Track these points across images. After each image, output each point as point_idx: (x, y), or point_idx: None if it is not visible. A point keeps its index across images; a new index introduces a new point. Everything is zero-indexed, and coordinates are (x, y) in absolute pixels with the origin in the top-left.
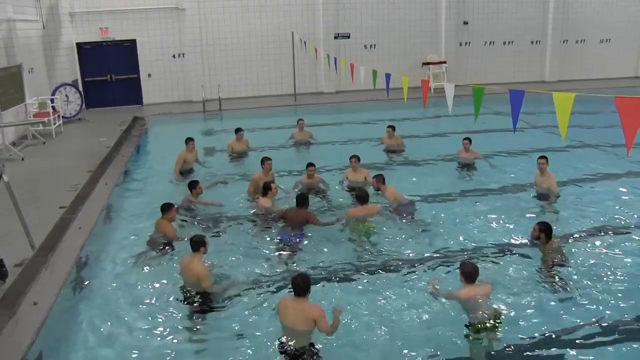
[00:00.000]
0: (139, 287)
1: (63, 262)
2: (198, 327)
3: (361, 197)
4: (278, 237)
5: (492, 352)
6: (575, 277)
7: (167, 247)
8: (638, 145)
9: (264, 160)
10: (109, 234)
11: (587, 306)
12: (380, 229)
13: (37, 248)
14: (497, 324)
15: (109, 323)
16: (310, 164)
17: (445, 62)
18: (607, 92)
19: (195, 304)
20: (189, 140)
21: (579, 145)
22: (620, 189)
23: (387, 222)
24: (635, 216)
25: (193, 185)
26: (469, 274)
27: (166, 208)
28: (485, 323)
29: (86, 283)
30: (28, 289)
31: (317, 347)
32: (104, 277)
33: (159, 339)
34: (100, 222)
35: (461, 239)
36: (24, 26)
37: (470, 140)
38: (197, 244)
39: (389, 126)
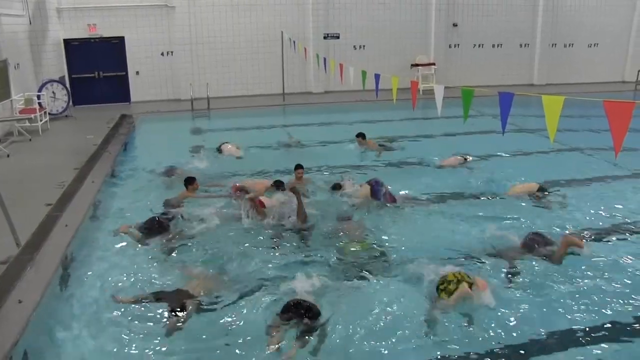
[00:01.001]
0: (127, 285)
1: (49, 260)
2: (190, 324)
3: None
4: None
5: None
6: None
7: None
8: (626, 149)
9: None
10: (95, 232)
11: (577, 305)
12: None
13: (23, 245)
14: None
15: (95, 321)
16: (298, 166)
17: (434, 64)
18: (595, 96)
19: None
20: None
21: (568, 149)
22: (609, 191)
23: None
24: (623, 218)
25: (190, 181)
26: None
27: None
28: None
29: (72, 281)
30: (13, 287)
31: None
32: (90, 275)
33: (147, 337)
34: (87, 219)
35: (449, 238)
36: (9, 21)
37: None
38: None
39: (357, 135)
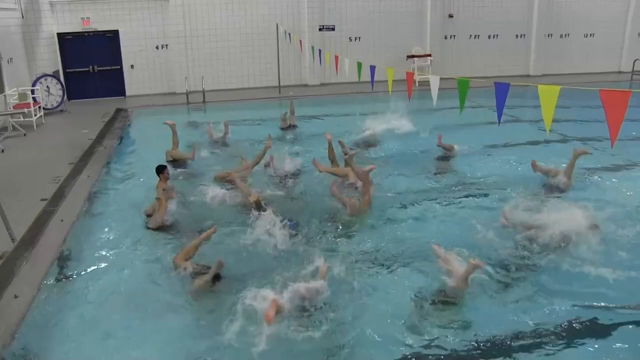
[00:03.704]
0: (122, 279)
1: (44, 255)
2: (187, 315)
3: None
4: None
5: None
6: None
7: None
8: (621, 139)
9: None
10: (91, 226)
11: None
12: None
13: (18, 241)
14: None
15: (92, 315)
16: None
17: (430, 55)
18: (591, 86)
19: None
20: (162, 168)
21: (563, 139)
22: (606, 181)
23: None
24: (621, 208)
25: (161, 169)
26: None
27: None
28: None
29: (68, 275)
30: (9, 282)
31: None
32: (86, 270)
33: (145, 330)
34: (82, 214)
35: (443, 233)
36: (1, 15)
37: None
38: None
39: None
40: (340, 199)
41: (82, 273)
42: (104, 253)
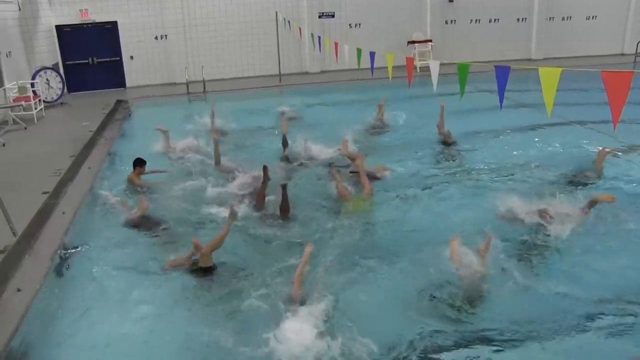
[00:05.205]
0: (124, 271)
1: (47, 248)
2: (189, 310)
3: None
4: None
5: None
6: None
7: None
8: (624, 122)
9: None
10: (93, 219)
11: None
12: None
13: (20, 234)
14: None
15: (95, 307)
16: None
17: (430, 41)
18: (594, 68)
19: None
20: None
21: (565, 122)
22: (607, 164)
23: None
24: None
25: (138, 163)
26: None
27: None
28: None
29: (71, 268)
30: (11, 276)
31: None
32: (88, 262)
33: (147, 323)
34: (85, 206)
35: (444, 221)
36: None
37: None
38: None
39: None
40: (340, 185)
41: (84, 266)
42: (106, 246)
